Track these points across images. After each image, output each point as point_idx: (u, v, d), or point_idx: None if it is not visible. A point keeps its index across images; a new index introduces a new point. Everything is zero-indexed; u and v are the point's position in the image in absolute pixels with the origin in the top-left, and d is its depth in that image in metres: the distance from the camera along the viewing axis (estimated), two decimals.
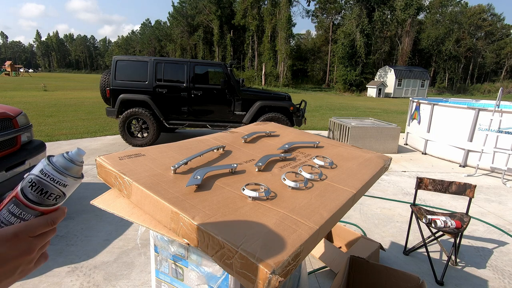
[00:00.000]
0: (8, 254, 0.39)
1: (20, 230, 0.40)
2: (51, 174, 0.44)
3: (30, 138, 3.12)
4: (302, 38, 64.76)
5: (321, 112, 13.62)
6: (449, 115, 5.95)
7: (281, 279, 0.56)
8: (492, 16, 50.94)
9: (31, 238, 0.41)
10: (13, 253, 0.39)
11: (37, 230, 0.42)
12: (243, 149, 1.21)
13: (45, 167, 0.44)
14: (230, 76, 6.17)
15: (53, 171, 0.44)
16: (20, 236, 0.40)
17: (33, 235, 0.41)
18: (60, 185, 0.45)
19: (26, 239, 0.41)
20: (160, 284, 1.03)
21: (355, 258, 1.90)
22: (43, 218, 0.43)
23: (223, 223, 0.68)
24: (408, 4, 35.51)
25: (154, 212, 0.76)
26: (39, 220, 0.43)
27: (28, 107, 10.88)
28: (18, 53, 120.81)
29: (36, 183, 0.44)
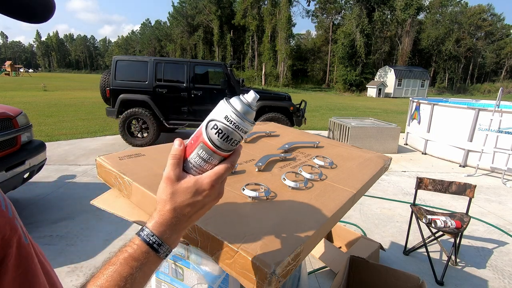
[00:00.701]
0: (205, 201, 0.46)
1: (214, 180, 0.45)
2: (236, 121, 0.44)
3: (30, 138, 3.12)
4: (302, 38, 64.80)
5: (321, 112, 13.62)
6: (449, 115, 5.95)
7: (281, 279, 0.56)
8: (492, 16, 50.95)
9: (219, 184, 0.47)
10: (209, 200, 0.46)
11: (224, 175, 0.47)
12: (243, 149, 1.21)
13: (230, 114, 0.45)
14: (230, 76, 6.17)
15: (238, 118, 0.44)
16: (215, 185, 0.46)
17: (222, 180, 0.47)
18: (242, 132, 0.46)
19: (218, 185, 0.47)
20: (160, 284, 1.03)
21: (355, 258, 1.90)
22: (228, 165, 0.47)
23: (223, 223, 0.68)
24: (408, 4, 35.50)
25: None
26: (226, 167, 0.46)
27: (28, 107, 10.88)
28: (18, 53, 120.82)
29: (222, 130, 0.45)
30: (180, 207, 0.45)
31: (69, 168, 4.57)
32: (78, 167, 4.60)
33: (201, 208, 0.46)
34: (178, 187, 0.45)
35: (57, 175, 4.24)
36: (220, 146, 0.46)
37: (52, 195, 3.54)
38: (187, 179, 0.45)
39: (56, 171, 4.39)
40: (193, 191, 0.45)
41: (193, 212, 0.46)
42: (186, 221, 0.46)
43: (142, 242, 0.44)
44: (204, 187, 0.45)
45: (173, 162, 0.46)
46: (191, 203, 0.45)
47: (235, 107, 0.45)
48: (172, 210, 0.45)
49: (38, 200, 3.40)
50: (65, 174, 4.30)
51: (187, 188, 0.45)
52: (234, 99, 0.46)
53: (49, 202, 3.36)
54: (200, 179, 0.45)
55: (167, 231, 0.45)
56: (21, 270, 0.39)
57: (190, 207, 0.45)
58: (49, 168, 4.41)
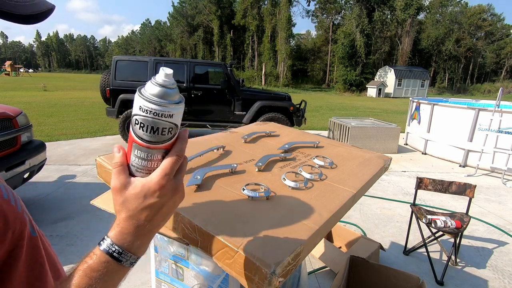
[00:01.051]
0: (162, 201, 0.43)
1: (161, 179, 0.42)
2: (152, 109, 0.39)
3: (30, 138, 3.12)
4: (302, 38, 64.79)
5: (321, 112, 13.62)
6: (449, 115, 5.95)
7: (281, 279, 0.56)
8: (492, 16, 50.95)
9: (172, 178, 0.44)
10: (165, 199, 0.43)
11: (173, 169, 0.43)
12: (243, 149, 1.21)
13: (142, 104, 0.40)
14: (230, 76, 6.17)
15: (153, 105, 0.39)
16: (165, 184, 0.42)
17: (172, 175, 0.43)
18: (166, 117, 0.40)
19: (169, 181, 0.43)
20: (160, 284, 1.03)
21: (355, 258, 1.90)
22: (173, 157, 0.43)
23: (223, 223, 0.68)
24: (408, 4, 35.51)
25: None
26: (171, 160, 0.43)
27: (28, 107, 10.88)
28: (18, 53, 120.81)
29: (144, 123, 0.40)
30: (135, 214, 0.43)
31: (69, 168, 4.57)
32: (78, 167, 4.60)
33: (160, 208, 0.44)
34: (126, 195, 0.43)
35: (57, 175, 4.24)
36: (151, 139, 0.41)
37: (52, 195, 3.54)
38: (134, 185, 0.43)
39: (56, 171, 4.39)
40: (142, 195, 0.42)
41: (153, 215, 0.43)
42: (148, 225, 0.44)
43: (102, 252, 0.43)
44: (153, 188, 0.42)
45: (115, 170, 0.44)
46: (145, 207, 0.42)
47: (146, 94, 0.40)
48: (127, 218, 0.43)
49: (38, 200, 3.40)
50: (65, 174, 4.30)
51: (135, 194, 0.42)
52: (145, 84, 0.41)
53: (49, 202, 3.36)
54: (147, 182, 0.43)
55: (128, 239, 0.43)
56: (30, 260, 0.43)
57: (146, 211, 0.43)
58: (49, 168, 4.41)
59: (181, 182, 0.46)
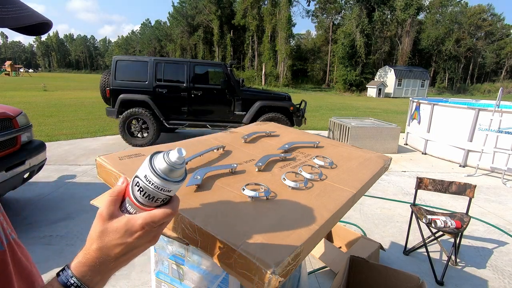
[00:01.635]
0: (136, 244, 0.43)
1: (147, 223, 0.42)
2: (155, 183, 0.42)
3: (30, 138, 3.12)
4: (302, 38, 64.77)
5: (321, 112, 13.62)
6: (449, 115, 5.95)
7: (281, 279, 0.56)
8: (492, 16, 50.95)
9: (156, 228, 0.44)
10: (141, 242, 0.44)
11: (160, 221, 0.44)
12: (243, 149, 1.21)
13: (148, 175, 0.42)
14: (230, 76, 6.17)
15: (158, 180, 0.42)
16: (146, 228, 0.43)
17: (157, 225, 0.44)
18: (165, 191, 0.44)
19: (152, 230, 0.44)
20: (160, 284, 1.03)
21: (355, 258, 1.90)
22: (167, 211, 0.44)
23: (223, 223, 0.68)
24: (408, 4, 35.52)
25: None
26: (164, 213, 0.44)
27: (28, 107, 10.88)
28: (18, 53, 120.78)
29: (143, 189, 0.43)
30: (107, 247, 0.42)
31: (69, 168, 4.57)
32: (78, 167, 4.60)
33: (131, 250, 0.43)
34: (108, 226, 0.42)
35: (57, 175, 4.24)
36: (144, 203, 0.44)
37: (52, 195, 3.54)
38: (119, 218, 0.43)
39: (56, 171, 4.39)
40: (123, 231, 0.42)
41: (122, 254, 0.43)
42: (113, 262, 0.43)
43: (60, 284, 0.41)
44: (135, 228, 0.42)
45: (110, 199, 0.44)
46: (120, 243, 0.42)
47: (154, 168, 0.42)
48: (98, 249, 0.42)
49: (38, 200, 3.40)
50: (65, 174, 4.30)
51: (117, 228, 0.42)
52: (158, 157, 0.43)
53: (49, 202, 3.36)
54: (132, 220, 0.42)
55: (89, 273, 0.42)
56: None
57: (119, 248, 0.42)
58: (49, 168, 4.41)
59: (160, 232, 0.47)
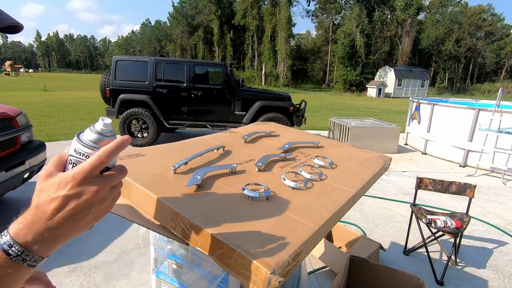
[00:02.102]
0: (72, 197, 0.41)
1: (76, 172, 0.42)
2: (84, 152, 0.44)
3: (30, 138, 3.11)
4: (302, 38, 64.78)
5: (321, 112, 13.62)
6: (449, 115, 5.95)
7: (281, 279, 0.56)
8: (492, 16, 50.95)
9: (93, 179, 0.43)
10: (82, 199, 0.42)
11: (92, 167, 0.42)
12: (243, 149, 1.21)
13: (77, 146, 0.44)
14: (230, 76, 6.17)
15: (85, 149, 0.44)
16: (78, 178, 0.41)
17: (91, 175, 0.42)
18: None
19: (89, 181, 0.42)
20: (160, 284, 1.03)
21: (355, 258, 1.90)
22: (95, 158, 0.43)
23: (223, 223, 0.68)
24: (408, 4, 35.53)
25: (154, 212, 0.76)
26: (91, 161, 0.42)
27: (28, 107, 10.88)
28: (18, 53, 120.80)
29: (76, 164, 0.44)
30: (43, 203, 0.40)
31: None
32: None
33: (73, 209, 0.41)
34: (45, 183, 0.42)
35: None
36: None
37: None
38: (54, 175, 0.43)
39: None
40: (56, 184, 0.41)
41: (58, 209, 0.40)
42: (48, 220, 0.40)
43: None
44: (67, 178, 0.41)
45: (52, 161, 0.45)
46: (54, 197, 0.40)
47: (82, 139, 0.44)
48: (34, 207, 0.41)
49: None
50: None
51: (52, 182, 0.42)
52: (85, 130, 0.46)
53: None
54: (64, 174, 0.42)
55: (23, 230, 0.40)
56: None
57: (54, 202, 0.40)
58: None
59: (111, 197, 0.46)
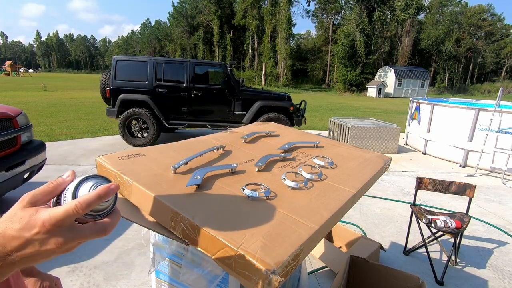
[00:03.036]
0: (35, 242, 0.38)
1: (47, 220, 0.38)
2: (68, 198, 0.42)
3: (30, 138, 3.12)
4: (302, 38, 64.75)
5: (321, 112, 13.62)
6: (449, 115, 5.95)
7: (281, 279, 0.56)
8: (492, 16, 50.93)
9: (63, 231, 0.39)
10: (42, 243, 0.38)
11: (65, 218, 0.38)
12: (243, 149, 1.21)
13: (68, 200, 0.42)
14: (230, 76, 6.17)
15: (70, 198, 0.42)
16: (48, 227, 0.38)
17: (62, 224, 0.38)
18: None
19: (56, 231, 0.38)
20: (160, 284, 1.03)
21: (355, 258, 1.90)
22: (71, 206, 0.38)
23: (223, 223, 0.68)
24: (408, 4, 35.52)
25: (154, 212, 0.76)
26: (66, 209, 0.38)
27: (28, 107, 10.88)
28: (18, 53, 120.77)
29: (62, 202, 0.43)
30: (6, 237, 0.37)
31: (69, 168, 4.55)
32: (78, 167, 4.60)
33: (30, 248, 0.38)
34: (18, 212, 0.38)
35: (57, 175, 4.22)
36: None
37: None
38: (31, 208, 0.39)
39: (56, 171, 4.39)
40: (24, 222, 0.38)
41: (19, 249, 0.37)
42: (6, 255, 0.37)
43: None
44: (36, 222, 0.37)
45: (43, 188, 0.41)
46: (17, 236, 0.37)
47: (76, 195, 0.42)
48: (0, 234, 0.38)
49: None
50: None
51: (22, 217, 0.38)
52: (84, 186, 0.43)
53: None
54: (36, 214, 0.38)
55: None
56: None
57: (16, 241, 0.37)
58: (49, 168, 4.41)
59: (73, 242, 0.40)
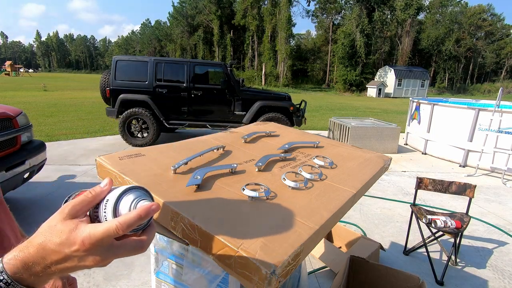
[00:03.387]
0: (74, 258, 0.37)
1: (86, 240, 0.37)
2: (108, 214, 0.40)
3: (30, 138, 3.12)
4: (302, 38, 64.76)
5: (321, 112, 13.61)
6: (449, 115, 5.95)
7: (281, 279, 0.56)
8: (492, 16, 50.94)
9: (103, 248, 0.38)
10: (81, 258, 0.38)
11: (105, 238, 0.37)
12: (243, 149, 1.21)
13: (108, 215, 0.40)
14: (230, 76, 6.17)
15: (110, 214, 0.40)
16: (87, 246, 0.37)
17: (101, 244, 0.37)
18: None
19: (96, 249, 0.37)
20: (160, 284, 1.03)
21: (355, 258, 1.90)
22: (112, 225, 0.37)
23: (223, 223, 0.68)
24: (408, 4, 35.52)
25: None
26: (107, 229, 0.37)
27: (28, 107, 10.88)
28: (18, 53, 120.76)
29: (98, 217, 0.40)
30: (47, 249, 0.37)
31: (69, 168, 4.57)
32: (78, 167, 4.60)
33: (69, 262, 0.38)
34: (58, 225, 0.38)
35: (57, 175, 4.24)
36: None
37: (52, 195, 3.54)
38: (71, 222, 0.38)
39: (56, 171, 4.39)
40: (64, 237, 0.37)
41: (58, 263, 0.38)
42: (46, 267, 0.38)
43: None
44: (76, 240, 0.37)
45: (82, 198, 0.40)
46: (57, 251, 0.37)
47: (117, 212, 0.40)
48: (38, 246, 0.37)
49: (38, 200, 3.40)
50: (65, 174, 4.30)
51: (61, 231, 0.37)
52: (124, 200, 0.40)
53: (49, 202, 3.36)
54: (76, 231, 0.37)
55: (22, 270, 0.37)
56: None
57: (56, 255, 0.37)
58: (49, 168, 4.41)
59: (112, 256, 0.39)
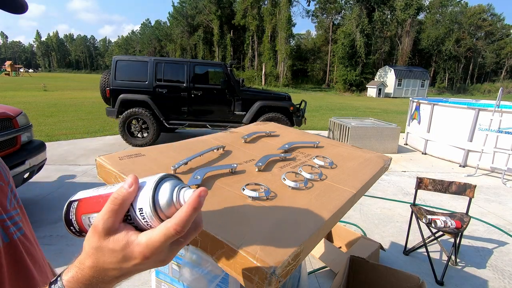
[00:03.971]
0: (137, 268, 0.38)
1: (146, 252, 0.35)
2: (149, 219, 0.36)
3: (30, 138, 3.12)
4: (302, 38, 64.76)
5: (321, 112, 13.62)
6: (449, 115, 5.95)
7: (281, 279, 0.56)
8: (492, 16, 50.95)
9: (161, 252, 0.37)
10: (143, 267, 0.38)
11: (164, 242, 0.35)
12: (243, 149, 1.21)
13: (146, 211, 0.35)
14: (230, 76, 6.17)
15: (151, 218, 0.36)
16: (149, 257, 0.36)
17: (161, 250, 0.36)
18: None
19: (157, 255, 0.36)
20: (160, 284, 1.03)
21: (355, 258, 1.90)
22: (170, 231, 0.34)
23: (223, 223, 0.68)
24: (408, 4, 35.53)
25: None
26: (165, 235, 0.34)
27: (28, 107, 10.88)
28: (18, 53, 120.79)
29: (131, 219, 0.37)
30: (103, 269, 0.37)
31: (69, 168, 4.57)
32: (78, 167, 4.60)
33: (130, 273, 0.39)
34: (104, 245, 0.36)
35: (57, 175, 4.24)
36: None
37: (52, 195, 3.54)
38: (117, 237, 0.35)
39: (56, 171, 4.39)
40: (120, 256, 0.36)
41: (118, 276, 0.38)
42: (109, 282, 0.39)
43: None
44: (134, 255, 0.35)
45: (110, 208, 0.35)
46: (116, 268, 0.37)
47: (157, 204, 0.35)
48: (92, 268, 0.37)
49: (38, 200, 3.40)
50: (65, 174, 4.30)
51: (113, 249, 0.35)
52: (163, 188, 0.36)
53: (49, 202, 3.36)
54: (131, 246, 0.35)
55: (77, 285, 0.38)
56: None
57: (115, 271, 0.37)
58: (49, 168, 4.41)
59: (172, 254, 0.38)
